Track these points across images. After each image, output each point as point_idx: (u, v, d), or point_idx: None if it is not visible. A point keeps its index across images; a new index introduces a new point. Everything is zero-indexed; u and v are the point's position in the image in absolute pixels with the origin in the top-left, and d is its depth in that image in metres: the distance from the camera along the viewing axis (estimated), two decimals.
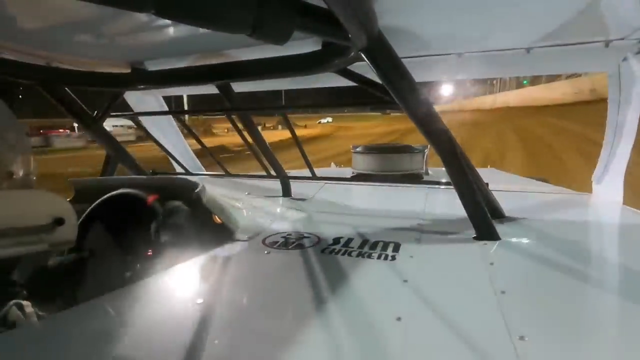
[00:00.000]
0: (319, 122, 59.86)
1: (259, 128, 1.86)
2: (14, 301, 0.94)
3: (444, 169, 1.30)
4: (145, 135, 2.24)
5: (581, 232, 1.36)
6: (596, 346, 0.72)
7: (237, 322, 0.82)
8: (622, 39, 1.32)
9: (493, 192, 1.47)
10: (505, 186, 1.93)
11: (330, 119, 62.90)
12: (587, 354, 0.69)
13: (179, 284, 1.00)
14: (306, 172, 2.05)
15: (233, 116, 1.79)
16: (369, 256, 1.12)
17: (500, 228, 1.26)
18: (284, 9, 0.76)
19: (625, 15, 1.16)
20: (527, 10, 1.10)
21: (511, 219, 1.42)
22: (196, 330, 0.77)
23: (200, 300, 0.88)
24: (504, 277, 0.96)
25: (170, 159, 2.41)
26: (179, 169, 2.45)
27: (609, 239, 1.42)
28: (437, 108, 1.27)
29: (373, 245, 1.19)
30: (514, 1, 1.04)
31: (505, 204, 1.48)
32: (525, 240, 1.22)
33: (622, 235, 1.43)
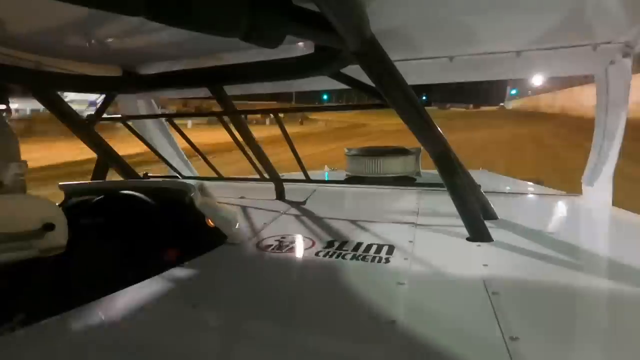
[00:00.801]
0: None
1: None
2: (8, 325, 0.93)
3: (436, 171, 1.31)
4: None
5: (572, 233, 1.38)
6: (588, 346, 0.73)
7: (231, 326, 0.82)
8: (609, 42, 1.35)
9: (485, 193, 1.48)
10: (497, 188, 1.95)
11: None
12: (579, 353, 0.70)
13: (173, 288, 0.99)
14: (300, 175, 2.05)
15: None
16: (363, 259, 1.12)
17: (492, 229, 1.27)
18: (276, 13, 0.77)
19: (613, 19, 1.19)
20: (517, 14, 1.11)
21: (503, 221, 1.44)
22: (191, 334, 0.76)
23: (194, 304, 0.88)
24: (496, 279, 0.97)
25: (163, 162, 2.39)
26: (171, 173, 2.43)
27: (598, 240, 1.44)
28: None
29: (367, 248, 1.19)
30: (504, 5, 1.05)
31: (497, 205, 1.50)
32: (517, 242, 1.23)
33: (612, 236, 1.46)
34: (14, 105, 1.55)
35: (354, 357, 0.69)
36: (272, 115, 1.87)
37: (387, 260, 1.10)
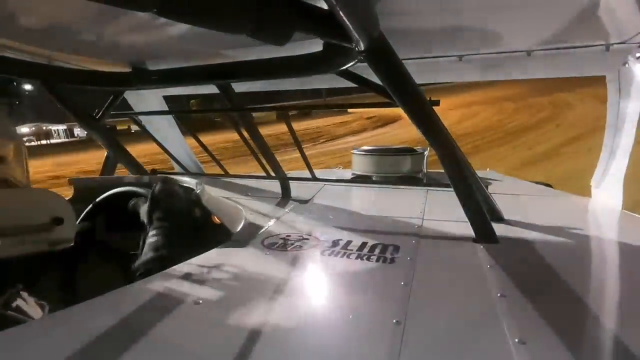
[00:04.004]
0: None
1: None
2: (13, 289, 0.94)
3: (443, 171, 1.30)
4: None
5: (580, 236, 1.36)
6: (597, 350, 0.72)
7: (236, 323, 0.82)
8: (623, 42, 1.32)
9: (492, 194, 1.47)
10: (504, 189, 1.93)
11: None
12: (587, 357, 0.69)
13: (179, 285, 1.00)
14: (306, 174, 2.05)
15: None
16: (368, 258, 1.11)
17: (499, 231, 1.26)
18: (284, 10, 0.77)
19: (626, 19, 1.17)
20: (528, 14, 1.10)
21: (510, 222, 1.42)
22: (195, 331, 0.77)
23: (199, 301, 0.88)
24: (502, 280, 0.96)
25: (170, 159, 2.41)
26: (178, 169, 2.45)
27: (607, 243, 1.42)
28: None
29: (372, 248, 1.19)
30: (515, 5, 1.04)
31: (504, 206, 1.48)
32: (524, 244, 1.22)
33: (621, 240, 1.43)
34: None
35: (358, 358, 0.69)
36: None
37: (392, 261, 1.10)
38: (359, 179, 2.38)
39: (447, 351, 0.70)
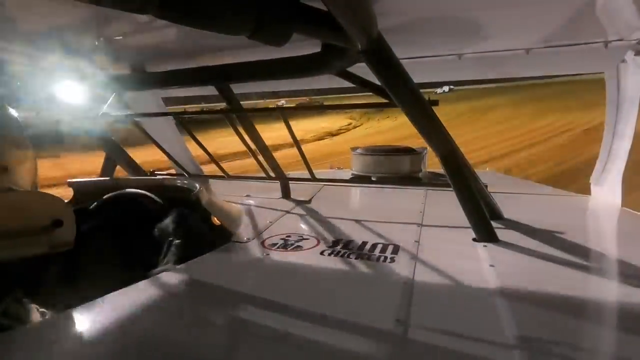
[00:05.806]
0: None
1: None
2: (12, 296, 0.94)
3: (442, 170, 1.30)
4: None
5: (580, 234, 1.36)
6: (597, 347, 0.72)
7: (237, 324, 0.82)
8: (621, 39, 1.32)
9: (492, 194, 1.47)
10: (504, 188, 1.93)
11: None
12: (588, 355, 0.69)
13: (180, 285, 1.00)
14: (306, 174, 2.05)
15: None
16: (368, 258, 1.11)
17: (499, 230, 1.26)
18: (283, 12, 0.77)
19: (625, 16, 1.17)
20: (526, 12, 1.10)
21: (510, 221, 1.42)
22: (196, 331, 0.77)
23: (199, 302, 0.88)
24: (503, 279, 0.96)
25: (170, 160, 2.40)
26: (178, 171, 2.45)
27: (608, 241, 1.42)
28: None
29: (372, 247, 1.19)
30: (513, 3, 1.04)
31: (504, 205, 1.48)
32: (524, 242, 1.22)
33: (621, 237, 1.43)
34: None
35: (359, 356, 0.69)
36: None
37: (392, 260, 1.10)
38: (358, 179, 2.38)
39: (448, 350, 0.70)
